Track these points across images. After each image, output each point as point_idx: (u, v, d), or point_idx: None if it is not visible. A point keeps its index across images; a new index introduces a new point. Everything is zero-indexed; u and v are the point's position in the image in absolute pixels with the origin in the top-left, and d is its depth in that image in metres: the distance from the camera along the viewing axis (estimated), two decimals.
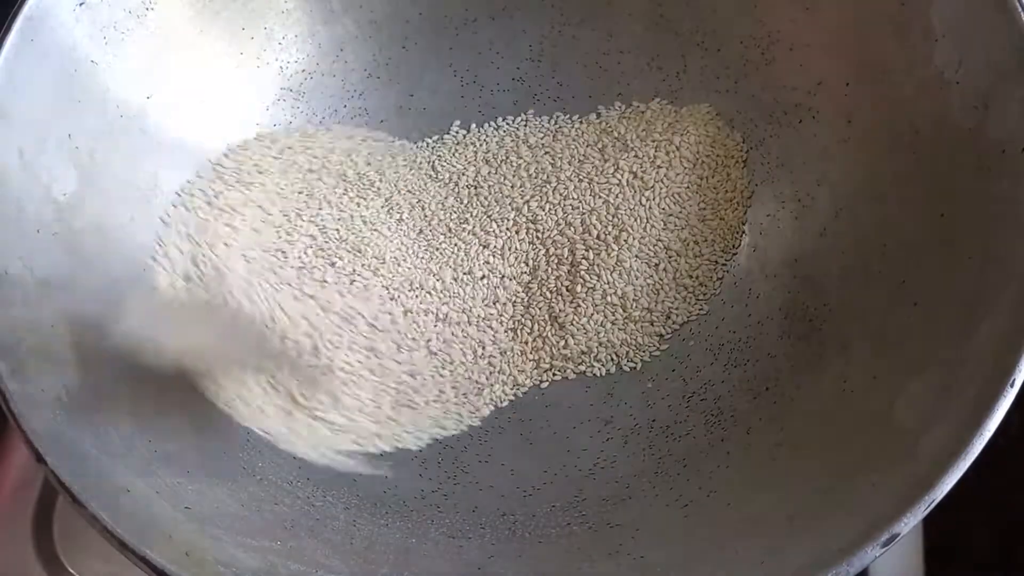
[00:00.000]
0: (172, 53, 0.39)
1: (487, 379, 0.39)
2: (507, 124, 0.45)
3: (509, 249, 0.41)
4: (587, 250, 0.41)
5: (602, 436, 0.38)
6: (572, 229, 0.41)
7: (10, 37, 0.32)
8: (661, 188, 0.42)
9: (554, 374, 0.40)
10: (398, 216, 0.42)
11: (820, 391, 0.34)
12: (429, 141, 0.45)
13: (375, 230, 0.41)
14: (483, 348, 0.40)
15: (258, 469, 0.34)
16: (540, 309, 0.40)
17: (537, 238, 0.42)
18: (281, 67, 0.43)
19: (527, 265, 0.41)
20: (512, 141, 0.44)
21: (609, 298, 0.40)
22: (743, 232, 0.41)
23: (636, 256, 0.41)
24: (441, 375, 0.39)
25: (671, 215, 0.42)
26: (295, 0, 0.43)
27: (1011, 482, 0.41)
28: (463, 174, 0.43)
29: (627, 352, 0.40)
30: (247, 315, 0.36)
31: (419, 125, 0.45)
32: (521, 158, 0.44)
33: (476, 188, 0.43)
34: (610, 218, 0.41)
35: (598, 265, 0.40)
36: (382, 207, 0.42)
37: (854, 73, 0.38)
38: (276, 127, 0.43)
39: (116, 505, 0.27)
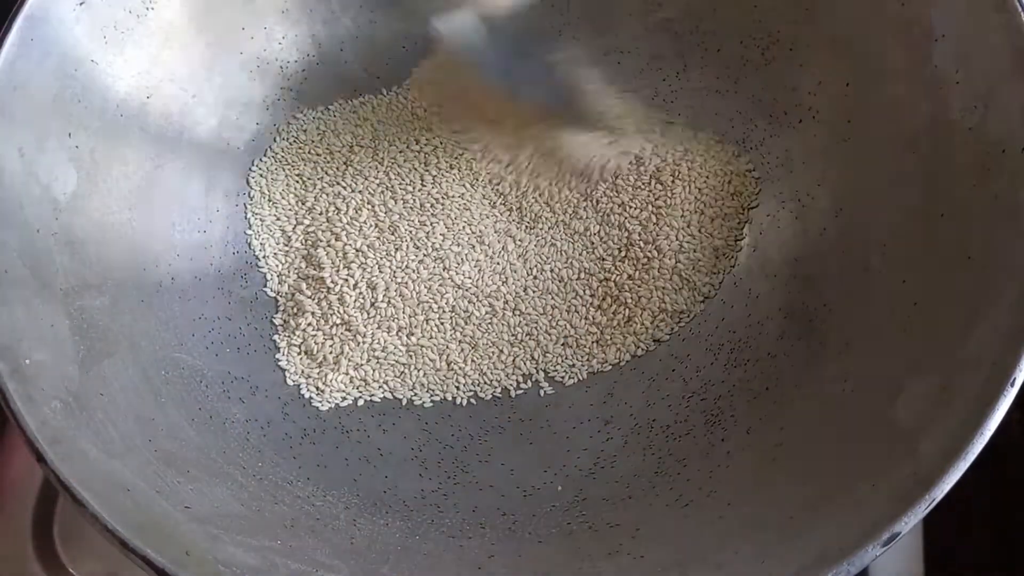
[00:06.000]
0: (172, 53, 0.39)
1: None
2: None
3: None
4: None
5: (602, 436, 0.38)
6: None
7: (10, 37, 0.32)
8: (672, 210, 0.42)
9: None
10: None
11: (820, 391, 0.34)
12: None
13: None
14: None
15: (258, 469, 0.34)
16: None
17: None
18: (281, 67, 0.43)
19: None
20: None
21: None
22: (743, 234, 0.42)
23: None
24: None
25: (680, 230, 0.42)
26: (295, 0, 0.43)
27: (1011, 482, 0.41)
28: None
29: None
30: None
31: None
32: None
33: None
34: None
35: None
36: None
37: (854, 73, 0.38)
38: (276, 127, 0.43)
39: (116, 505, 0.27)
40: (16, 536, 0.40)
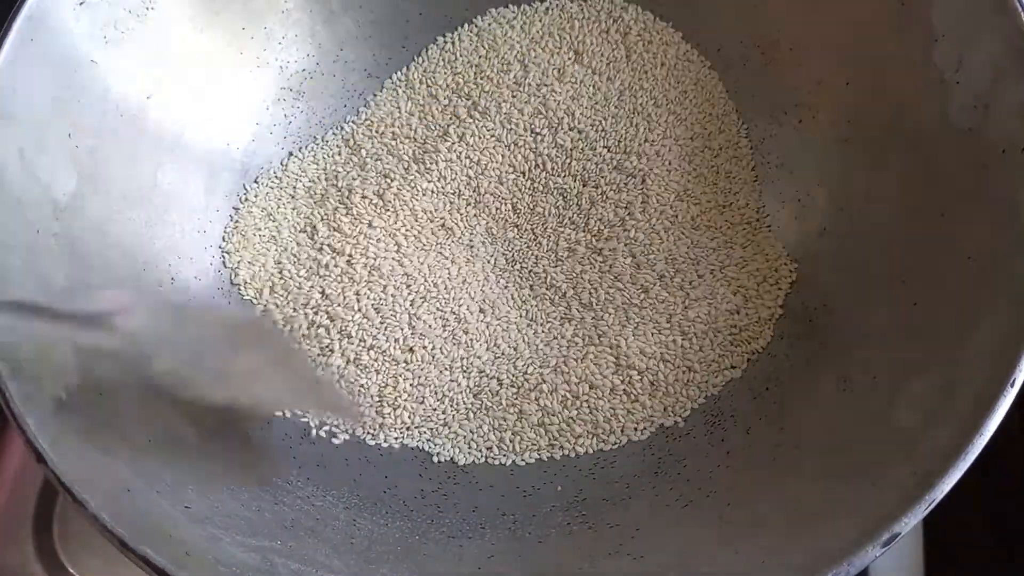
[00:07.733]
0: (172, 53, 0.39)
1: None
2: None
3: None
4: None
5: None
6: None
7: (10, 37, 0.32)
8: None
9: None
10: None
11: (820, 391, 0.34)
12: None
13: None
14: None
15: (258, 469, 0.34)
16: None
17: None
18: (281, 67, 0.43)
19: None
20: None
21: None
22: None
23: None
24: None
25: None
26: (295, 0, 0.43)
27: (1011, 482, 0.41)
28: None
29: None
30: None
31: None
32: None
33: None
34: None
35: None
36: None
37: (854, 73, 0.38)
38: (276, 126, 0.43)
39: (116, 505, 0.27)
40: (16, 536, 0.40)
